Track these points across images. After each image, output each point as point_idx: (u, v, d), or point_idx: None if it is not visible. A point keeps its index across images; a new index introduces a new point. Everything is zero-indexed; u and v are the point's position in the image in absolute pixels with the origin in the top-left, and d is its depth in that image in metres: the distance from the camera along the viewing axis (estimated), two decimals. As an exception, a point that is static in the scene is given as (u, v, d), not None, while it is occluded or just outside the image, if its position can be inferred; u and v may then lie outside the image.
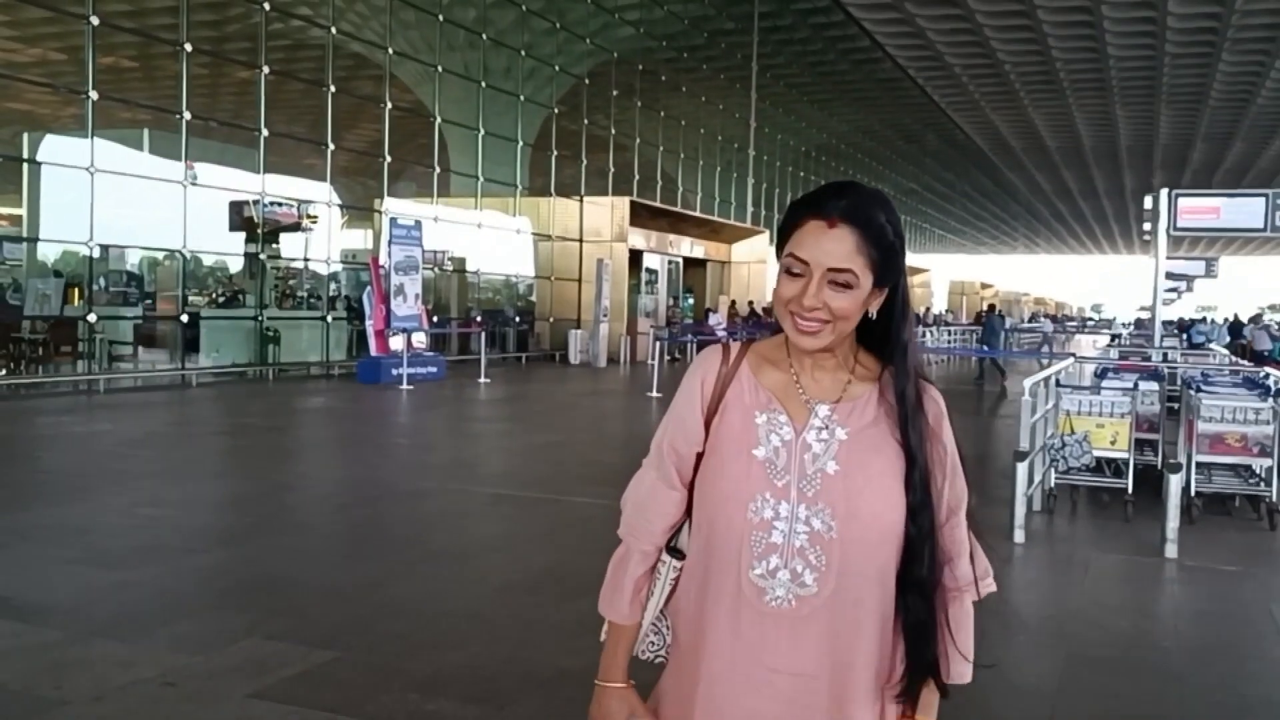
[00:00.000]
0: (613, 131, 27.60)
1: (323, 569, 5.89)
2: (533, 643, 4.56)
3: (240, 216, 18.30)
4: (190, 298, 17.02)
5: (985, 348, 23.87)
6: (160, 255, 17.31)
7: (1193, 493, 7.49)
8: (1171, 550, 6.34)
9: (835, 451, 1.54)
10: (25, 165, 15.88)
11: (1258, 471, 7.69)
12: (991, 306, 28.43)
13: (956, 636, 1.59)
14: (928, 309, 48.79)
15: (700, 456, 1.61)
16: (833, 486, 1.52)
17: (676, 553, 1.65)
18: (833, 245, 1.49)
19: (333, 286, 20.50)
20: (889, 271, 1.53)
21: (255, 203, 17.85)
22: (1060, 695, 4.24)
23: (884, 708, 1.56)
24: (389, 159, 20.12)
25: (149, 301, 17.67)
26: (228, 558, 6.02)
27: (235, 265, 19.81)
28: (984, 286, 69.13)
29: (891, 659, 1.56)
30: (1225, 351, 17.02)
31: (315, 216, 19.38)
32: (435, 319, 20.30)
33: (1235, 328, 29.92)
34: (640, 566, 1.66)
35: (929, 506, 1.53)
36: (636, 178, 28.55)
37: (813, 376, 1.59)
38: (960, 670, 1.60)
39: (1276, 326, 30.11)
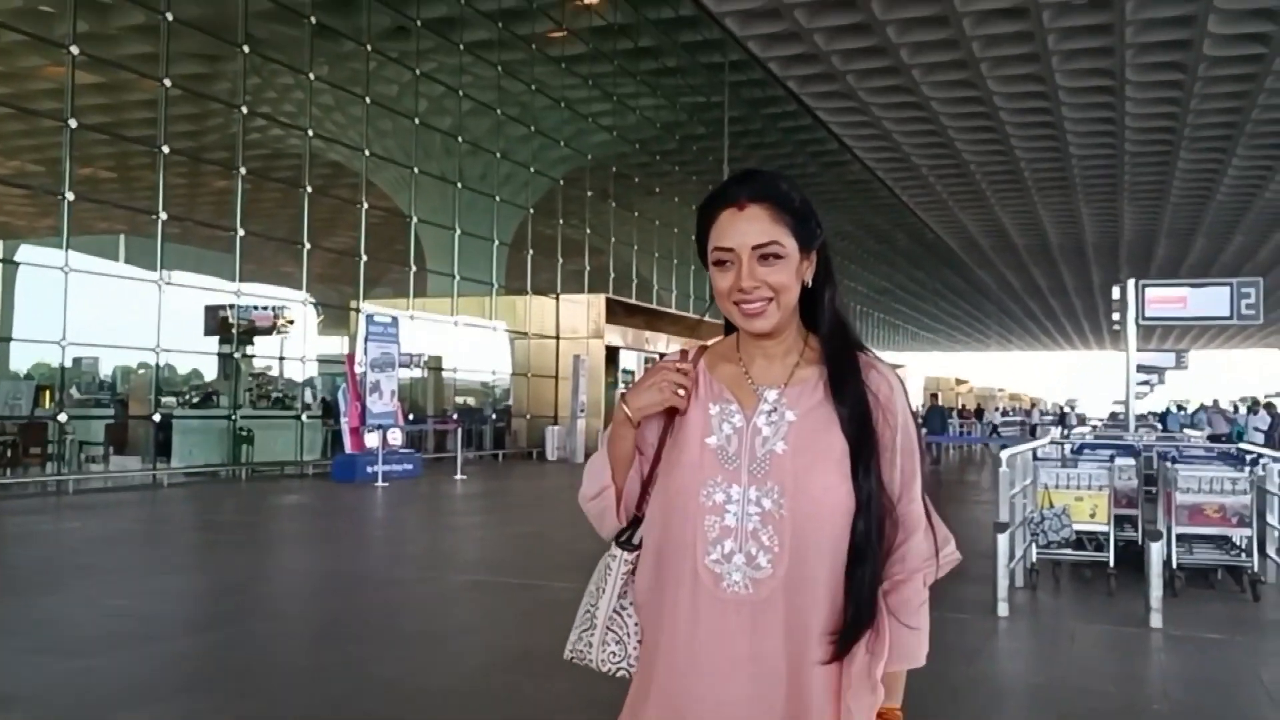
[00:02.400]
0: (588, 231, 27.93)
1: (294, 653, 5.75)
2: None
3: (215, 319, 18.32)
4: (163, 398, 16.90)
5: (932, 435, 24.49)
6: (134, 357, 17.23)
7: (1174, 565, 7.45)
8: (1156, 620, 6.28)
9: (784, 433, 1.56)
10: (0, 266, 15.89)
11: (1237, 543, 7.67)
12: (934, 395, 29.87)
13: (904, 616, 1.55)
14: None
15: (657, 457, 1.64)
16: (781, 465, 1.54)
17: (628, 545, 1.66)
18: (749, 225, 1.56)
19: (308, 389, 20.42)
20: (807, 234, 1.59)
21: (231, 306, 17.87)
22: (1051, 758, 4.14)
23: (840, 684, 1.53)
24: (365, 258, 20.25)
25: (121, 403, 17.53)
26: (196, 644, 5.86)
27: (210, 365, 19.74)
28: (959, 382, 69.71)
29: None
30: (1198, 433, 17.13)
31: (291, 320, 19.41)
32: (411, 417, 20.21)
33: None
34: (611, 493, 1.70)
35: (871, 471, 1.53)
36: (612, 276, 28.82)
37: (761, 365, 1.63)
38: (912, 648, 1.56)
39: (1233, 410, 30.55)
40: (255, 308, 18.75)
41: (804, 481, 1.53)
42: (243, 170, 17.42)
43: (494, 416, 24.15)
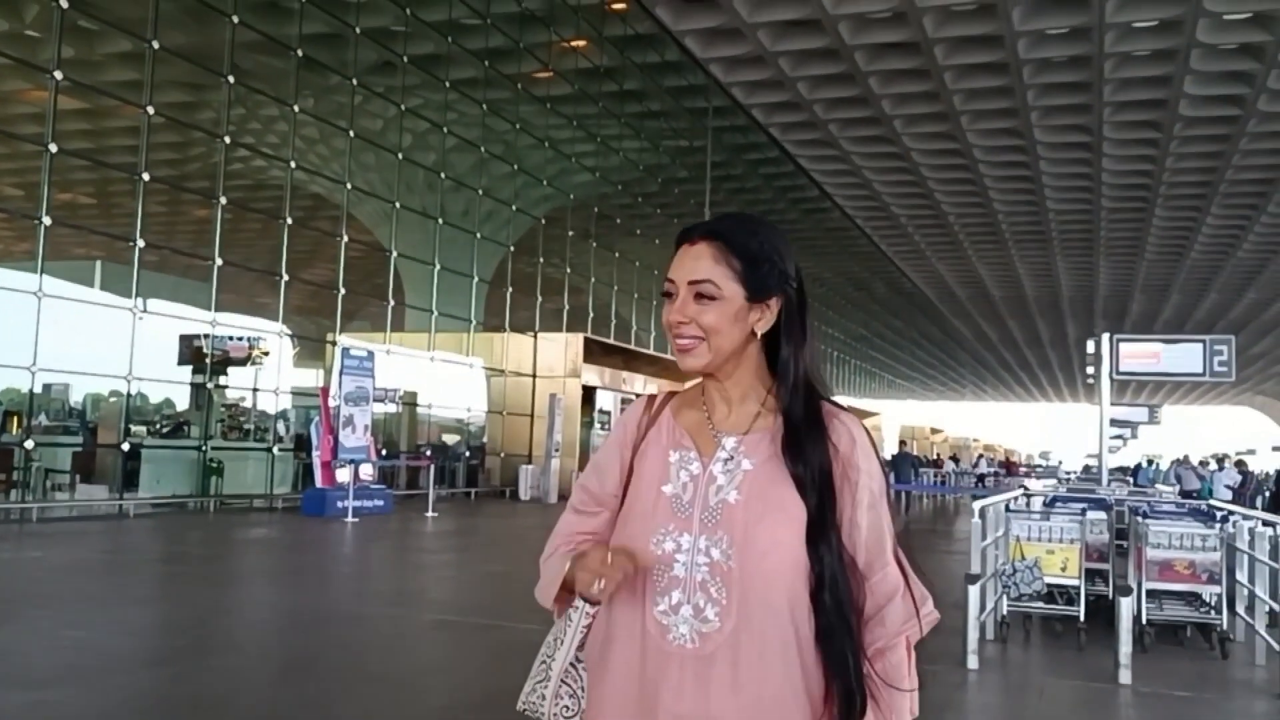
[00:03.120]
0: (568, 271, 27.96)
1: (254, 690, 5.64)
2: (470, 762, 4.36)
3: (190, 348, 18.18)
4: (133, 427, 16.71)
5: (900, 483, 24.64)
6: (106, 384, 17.06)
7: (1144, 621, 7.43)
8: (1125, 676, 6.25)
9: (739, 481, 1.52)
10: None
11: (1207, 599, 7.66)
12: (902, 442, 30.29)
13: (895, 681, 1.50)
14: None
15: (621, 503, 1.61)
16: (732, 516, 1.49)
17: (592, 599, 1.58)
18: (691, 261, 1.55)
19: (280, 421, 20.26)
20: (757, 281, 1.54)
21: (206, 336, 17.75)
22: (1017, 816, 4.09)
23: None
24: (343, 291, 20.18)
25: (90, 430, 17.33)
26: (154, 678, 5.75)
27: (182, 395, 19.56)
28: (934, 431, 69.89)
29: (809, 697, 1.47)
30: (1170, 490, 17.20)
31: (267, 351, 19.30)
32: (384, 452, 20.06)
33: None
34: (564, 552, 1.64)
35: (828, 533, 1.47)
36: (591, 316, 28.83)
37: (722, 412, 1.59)
38: (902, 709, 1.52)
39: (1204, 467, 30.73)
40: (230, 338, 18.63)
41: (753, 533, 1.48)
42: (223, 200, 17.37)
43: (467, 454, 24.01)
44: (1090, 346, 16.10)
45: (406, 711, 5.25)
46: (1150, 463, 40.27)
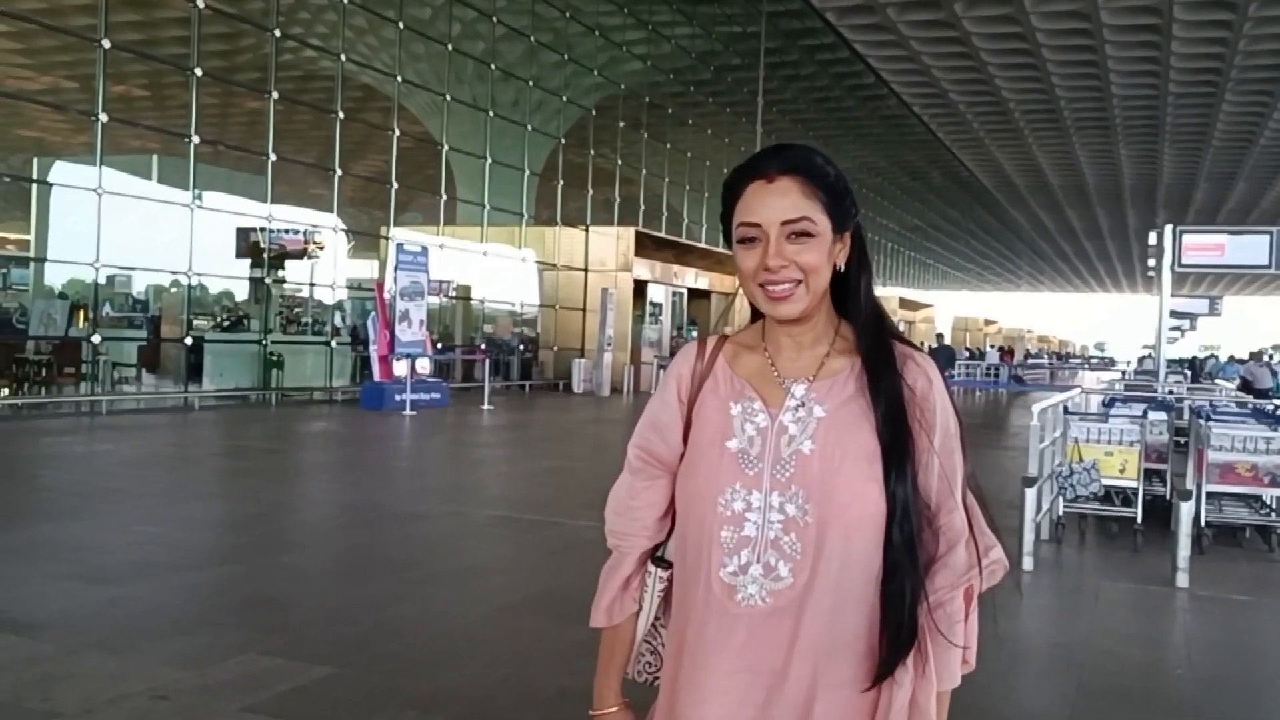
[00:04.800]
0: (619, 163, 27.69)
1: (319, 588, 5.81)
2: (532, 663, 4.46)
3: (247, 243, 18.36)
4: (195, 321, 17.02)
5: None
6: (166, 279, 17.32)
7: (1203, 523, 7.40)
8: (1183, 580, 6.24)
9: (812, 431, 1.44)
10: (35, 187, 15.91)
11: (1268, 502, 7.60)
12: (939, 337, 29.58)
13: (949, 633, 1.45)
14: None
15: (682, 460, 1.54)
16: (808, 468, 1.43)
17: (662, 562, 1.57)
18: (779, 199, 1.44)
19: (337, 315, 20.50)
20: (842, 213, 1.47)
21: (262, 229, 17.89)
22: (1072, 722, 4.13)
23: (868, 712, 1.43)
24: (396, 186, 20.16)
25: (154, 324, 17.66)
26: (223, 575, 5.93)
27: (240, 290, 19.83)
28: (988, 323, 69.19)
29: (877, 645, 1.43)
30: (1231, 386, 16.92)
31: (321, 244, 19.42)
32: (440, 346, 20.27)
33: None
34: (630, 567, 1.58)
35: (905, 474, 1.42)
36: (642, 209, 28.61)
37: (789, 356, 1.51)
38: (953, 668, 1.47)
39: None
40: (286, 231, 18.75)
41: (831, 485, 1.42)
42: (275, 94, 17.31)
43: (521, 348, 24.19)
44: (1152, 238, 15.73)
45: (469, 609, 5.38)
46: (1213, 357, 39.57)
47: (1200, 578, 6.37)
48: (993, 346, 51.77)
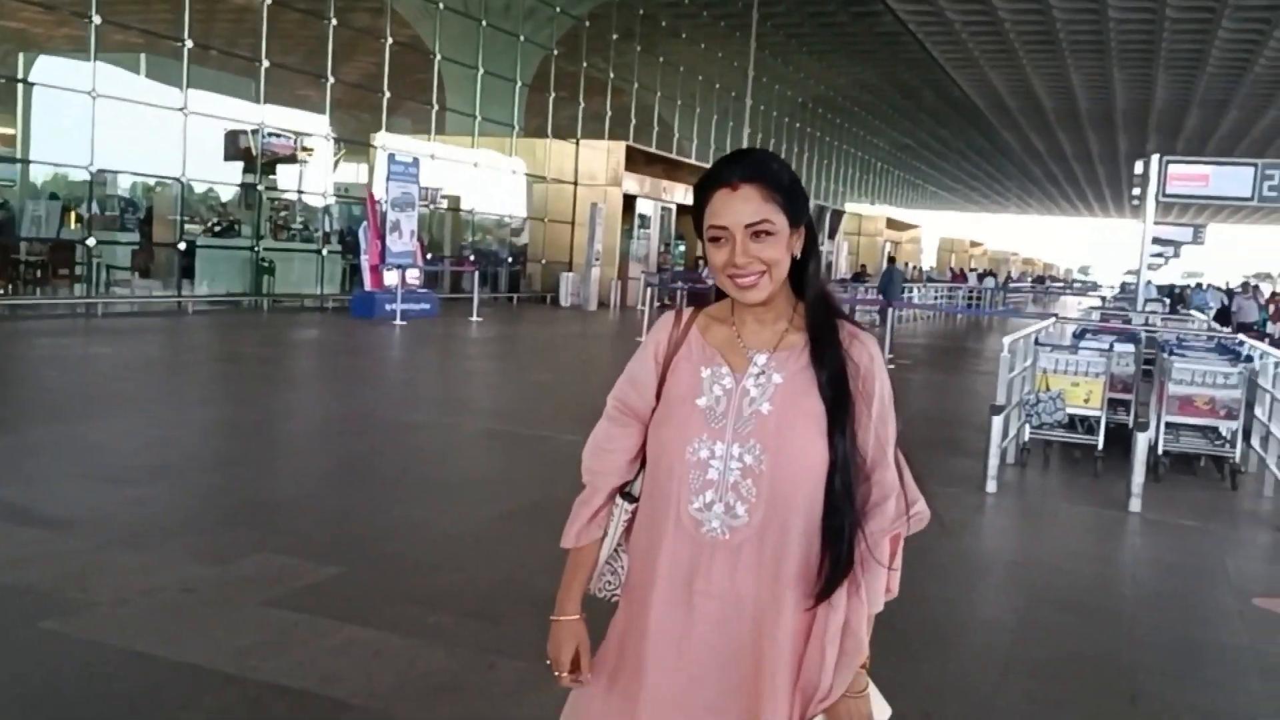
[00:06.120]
0: (611, 75, 27.54)
1: (324, 493, 6.15)
2: (527, 567, 4.81)
3: (236, 146, 18.35)
4: (187, 226, 17.12)
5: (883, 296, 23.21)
6: (162, 184, 17.36)
7: (1160, 451, 7.79)
8: (1136, 505, 6.64)
9: (770, 394, 1.72)
10: (20, 87, 15.82)
11: (1224, 434, 7.98)
12: (891, 259, 29.09)
13: (879, 557, 1.72)
14: (917, 267, 48.88)
15: (654, 413, 1.81)
16: (765, 425, 1.71)
17: (629, 497, 1.83)
18: (742, 205, 1.69)
19: (327, 220, 20.57)
20: (796, 209, 1.72)
21: (254, 132, 17.90)
22: (1019, 632, 4.53)
23: (806, 629, 1.70)
24: (388, 94, 20.13)
25: (146, 227, 17.74)
26: (232, 478, 6.27)
27: (232, 195, 19.86)
28: (973, 245, 69.32)
29: (815, 581, 1.70)
30: (1204, 318, 17.28)
31: (311, 149, 19.43)
32: (429, 257, 20.43)
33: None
34: (600, 500, 1.85)
35: (846, 434, 1.69)
36: (633, 122, 28.53)
37: (753, 330, 1.78)
38: (878, 590, 1.74)
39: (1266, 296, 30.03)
40: (276, 135, 18.73)
41: (784, 440, 1.70)
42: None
43: (509, 260, 24.35)
44: (1138, 167, 15.95)
45: (465, 516, 5.74)
46: (1197, 286, 39.76)
47: (1153, 503, 6.77)
48: (983, 271, 51.89)
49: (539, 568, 4.78)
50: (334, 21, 18.72)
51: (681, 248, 29.93)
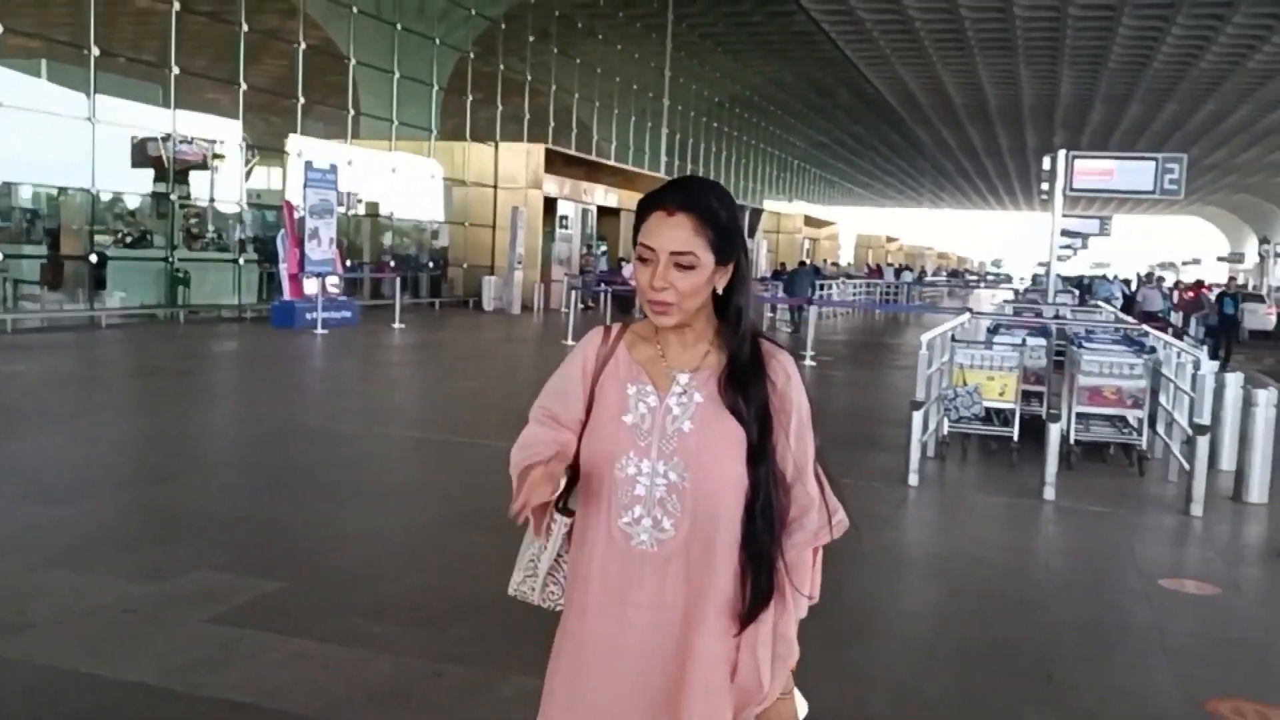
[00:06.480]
0: (528, 77, 27.54)
1: (258, 507, 6.14)
2: (465, 574, 4.90)
3: (146, 154, 18.00)
4: (97, 237, 16.77)
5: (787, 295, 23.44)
6: (65, 192, 16.96)
7: (1072, 441, 8.11)
8: (1049, 493, 6.92)
9: (692, 413, 1.79)
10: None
11: (1131, 422, 8.33)
12: (801, 262, 30.14)
13: (797, 580, 1.81)
14: (834, 263, 49.64)
15: (583, 427, 1.86)
16: (687, 443, 1.78)
17: (567, 511, 1.85)
18: (673, 232, 1.73)
19: (241, 229, 20.26)
20: (727, 249, 1.77)
21: (165, 139, 17.59)
22: (942, 621, 4.74)
23: (734, 641, 1.78)
24: (301, 99, 19.92)
25: (54, 240, 17.31)
26: (162, 494, 6.23)
27: (142, 205, 19.47)
28: (890, 240, 70.51)
29: (740, 591, 1.78)
30: (1112, 309, 17.86)
31: (224, 155, 19.14)
32: (349, 263, 20.26)
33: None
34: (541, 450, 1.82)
35: (766, 456, 1.77)
36: (552, 124, 28.56)
37: (675, 350, 1.84)
38: (800, 604, 1.84)
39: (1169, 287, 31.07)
40: (187, 141, 18.41)
41: (705, 458, 1.77)
42: (176, 4, 16.93)
43: (431, 265, 24.24)
44: (1046, 162, 16.44)
45: (402, 525, 5.79)
46: (1103, 278, 40.96)
47: (1066, 491, 7.06)
48: (900, 266, 52.81)
49: (478, 574, 4.87)
50: (245, 26, 18.48)
51: (604, 250, 30.04)
